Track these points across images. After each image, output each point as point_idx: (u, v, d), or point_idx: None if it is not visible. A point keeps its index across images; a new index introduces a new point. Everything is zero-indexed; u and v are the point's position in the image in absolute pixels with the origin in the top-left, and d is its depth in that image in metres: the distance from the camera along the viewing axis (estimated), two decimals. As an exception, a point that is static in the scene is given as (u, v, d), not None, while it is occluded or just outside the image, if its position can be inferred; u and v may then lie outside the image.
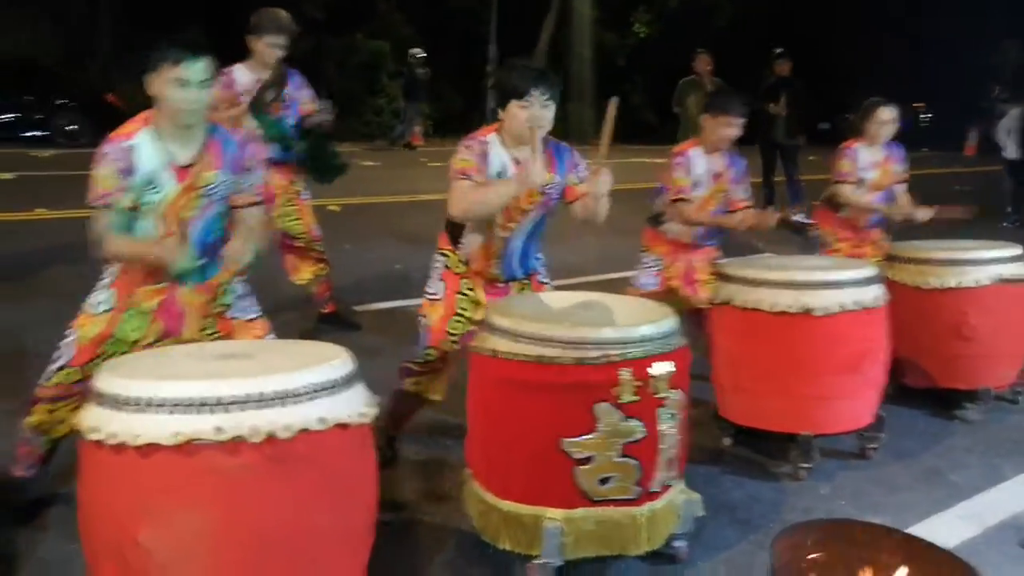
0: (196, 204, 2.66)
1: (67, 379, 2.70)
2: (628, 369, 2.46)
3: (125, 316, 2.70)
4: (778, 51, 9.71)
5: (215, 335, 2.79)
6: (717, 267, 3.75)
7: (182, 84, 2.53)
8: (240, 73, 4.55)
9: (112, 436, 1.96)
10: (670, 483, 2.67)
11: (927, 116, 25.56)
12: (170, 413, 1.93)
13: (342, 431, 2.06)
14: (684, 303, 4.02)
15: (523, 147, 2.96)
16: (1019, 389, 4.23)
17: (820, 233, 5.00)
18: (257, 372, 2.03)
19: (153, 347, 2.68)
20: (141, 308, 2.71)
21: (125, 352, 2.63)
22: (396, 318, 5.32)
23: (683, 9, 23.26)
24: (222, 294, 2.82)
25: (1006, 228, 9.34)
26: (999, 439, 3.84)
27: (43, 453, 2.86)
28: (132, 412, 1.95)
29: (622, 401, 2.45)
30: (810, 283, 3.38)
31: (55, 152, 13.29)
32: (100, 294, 2.74)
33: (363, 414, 2.13)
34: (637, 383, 2.47)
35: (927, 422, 4.01)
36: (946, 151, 15.60)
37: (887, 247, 4.42)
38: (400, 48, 18.14)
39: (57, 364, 2.71)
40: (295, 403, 1.99)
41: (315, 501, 2.03)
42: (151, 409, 1.94)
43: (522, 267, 3.18)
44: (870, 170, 4.71)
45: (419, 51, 17.08)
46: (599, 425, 2.45)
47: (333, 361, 2.13)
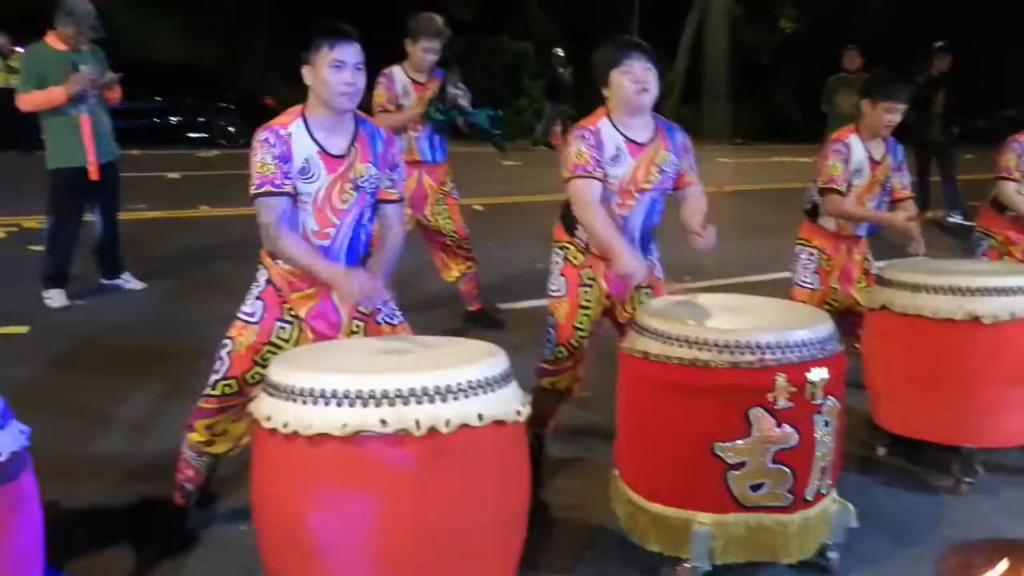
0: (349, 197, 2.69)
1: (226, 391, 2.71)
2: (784, 374, 2.42)
3: (278, 324, 2.72)
4: (938, 44, 9.17)
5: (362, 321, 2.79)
6: (875, 271, 3.61)
7: (337, 67, 2.59)
8: (398, 74, 4.75)
9: (285, 425, 2.07)
10: (823, 491, 2.61)
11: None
12: (339, 405, 2.03)
13: (499, 428, 2.12)
14: (842, 303, 3.89)
15: (634, 121, 3.00)
16: None
17: (982, 235, 4.71)
18: (420, 368, 2.12)
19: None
20: (294, 315, 2.73)
21: None
22: (539, 316, 5.35)
23: (831, 5, 22.41)
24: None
25: None
26: None
27: (203, 479, 2.87)
28: (304, 403, 2.07)
29: (777, 407, 2.41)
30: (977, 289, 3.21)
31: (216, 153, 14.14)
32: (251, 304, 2.74)
33: (519, 412, 2.18)
34: (792, 389, 2.44)
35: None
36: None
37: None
38: (543, 49, 18.27)
39: (217, 376, 2.71)
40: (455, 399, 2.05)
41: (472, 495, 2.10)
42: (322, 401, 2.05)
43: (642, 249, 3.14)
44: None
45: (560, 51, 17.16)
46: (752, 430, 2.43)
47: (491, 359, 2.19)
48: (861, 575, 2.70)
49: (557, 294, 3.20)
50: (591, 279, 3.14)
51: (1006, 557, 2.08)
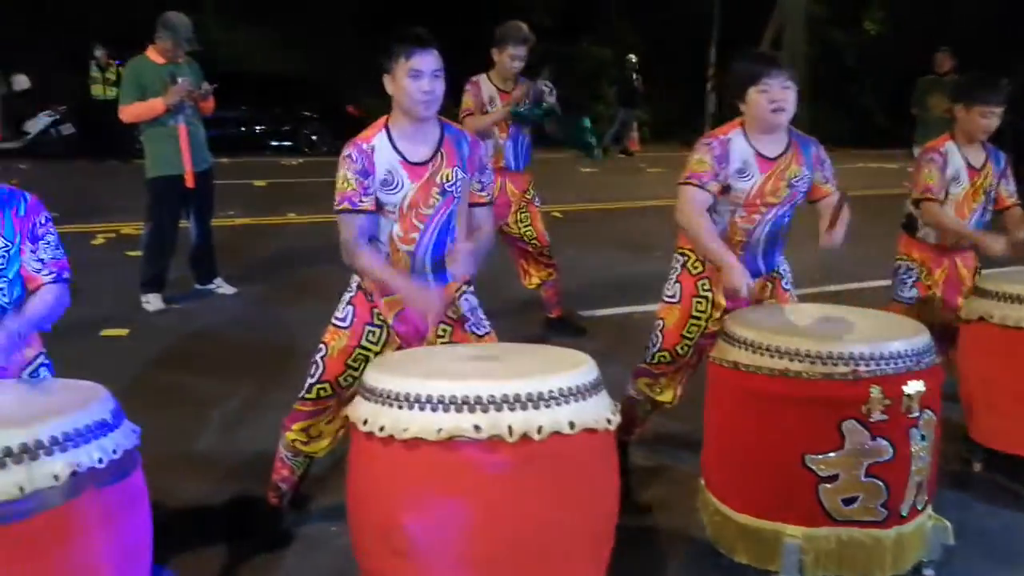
0: (434, 202, 2.73)
1: (321, 394, 2.78)
2: (878, 386, 2.38)
3: (367, 328, 2.79)
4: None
5: (450, 343, 2.83)
6: (975, 280, 3.50)
7: (415, 75, 2.61)
8: (485, 83, 4.81)
9: (381, 429, 2.12)
10: (919, 507, 2.55)
11: None
12: (434, 410, 2.07)
13: (589, 436, 2.13)
14: (942, 314, 3.77)
15: (767, 136, 2.96)
16: None
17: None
18: (513, 375, 2.15)
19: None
20: (382, 321, 2.79)
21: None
22: (619, 324, 5.39)
23: (919, 5, 21.75)
24: (458, 298, 2.88)
25: None
26: None
27: (297, 478, 2.95)
28: (400, 408, 2.11)
29: (871, 420, 2.37)
30: (1083, 301, 3.10)
31: (300, 161, 14.49)
32: (343, 309, 2.80)
33: (609, 420, 2.20)
34: (887, 401, 2.39)
35: None
36: None
37: None
38: (623, 55, 18.23)
39: (312, 379, 2.78)
40: (547, 406, 2.07)
41: (563, 502, 2.12)
42: (417, 405, 2.09)
43: (766, 262, 3.12)
44: None
45: (633, 57, 17.10)
46: (846, 443, 2.39)
47: (582, 367, 2.21)
48: (958, 595, 2.64)
49: (671, 300, 3.17)
50: (707, 290, 3.11)
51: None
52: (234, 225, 8.20)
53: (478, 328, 2.85)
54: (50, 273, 2.44)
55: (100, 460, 1.91)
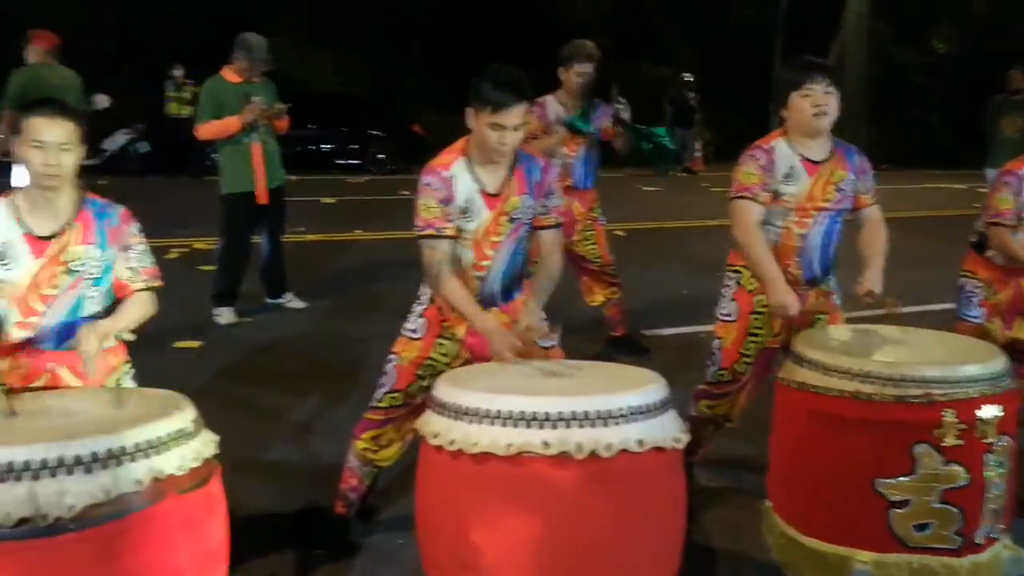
0: (504, 230, 2.78)
1: (392, 403, 2.83)
2: (952, 410, 2.34)
3: (437, 342, 2.84)
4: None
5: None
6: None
7: (498, 129, 2.64)
8: (551, 103, 4.85)
9: (451, 443, 2.17)
10: (995, 536, 2.50)
11: None
12: (503, 425, 2.11)
13: (658, 454, 2.14)
14: (1002, 334, 3.67)
15: (811, 142, 2.98)
16: None
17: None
18: (582, 392, 2.17)
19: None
20: (452, 334, 2.84)
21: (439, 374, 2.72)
22: (683, 343, 5.35)
23: (990, 23, 21.23)
24: (525, 315, 2.87)
25: None
26: None
27: (365, 489, 3.00)
28: (470, 422, 2.15)
29: (944, 444, 2.34)
30: None
31: (367, 179, 14.72)
32: (415, 321, 2.86)
33: (677, 439, 2.20)
34: (962, 426, 2.35)
35: None
36: None
37: None
38: (681, 74, 18.18)
39: (384, 389, 2.84)
40: (616, 424, 2.09)
41: (632, 520, 2.13)
42: (487, 420, 2.13)
43: (822, 269, 3.10)
44: None
45: (689, 76, 17.02)
46: (918, 467, 2.36)
47: (652, 385, 2.22)
48: (1035, 627, 2.56)
49: (728, 318, 3.17)
50: (764, 306, 3.09)
51: None
52: (303, 241, 8.37)
53: (543, 341, 2.87)
54: (142, 281, 2.57)
55: (180, 467, 1.99)
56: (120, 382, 2.59)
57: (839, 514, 2.49)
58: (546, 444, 2.05)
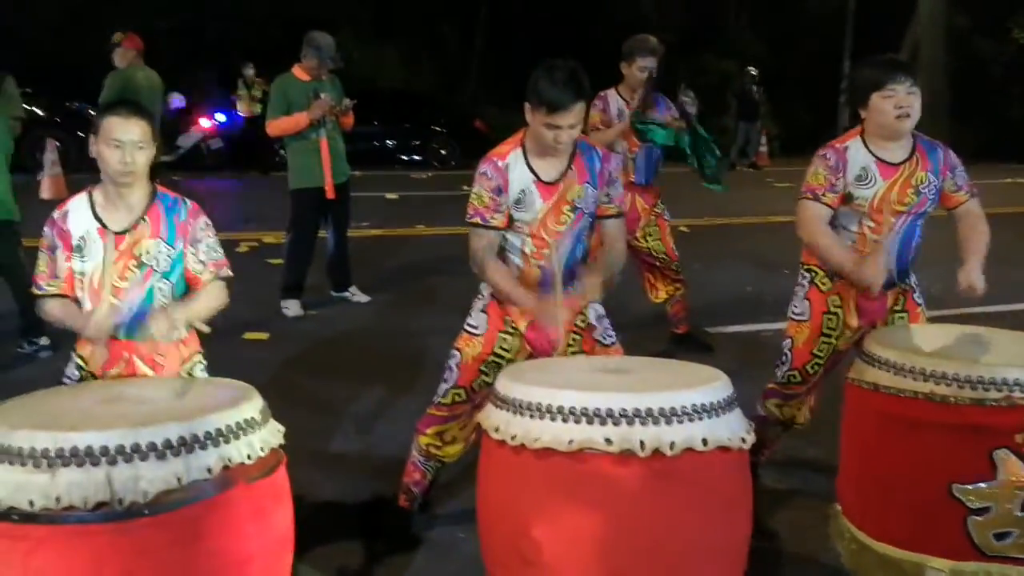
0: (565, 219, 2.77)
1: (456, 399, 2.85)
2: (1035, 415, 2.25)
3: (500, 336, 2.85)
4: None
5: (578, 353, 2.84)
6: None
7: (552, 128, 2.65)
8: (613, 97, 4.82)
9: (513, 438, 2.15)
10: (1079, 547, 2.39)
11: None
12: (564, 421, 2.09)
13: (723, 454, 2.10)
14: None
15: (890, 143, 2.88)
16: None
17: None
18: (646, 388, 2.14)
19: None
20: (515, 328, 2.84)
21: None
22: (747, 342, 5.26)
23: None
24: (585, 307, 2.88)
25: None
26: None
27: (428, 483, 3.03)
28: (532, 417, 2.14)
29: (1028, 449, 2.24)
30: None
31: (429, 174, 14.83)
32: (476, 317, 2.86)
33: (743, 439, 2.16)
34: (1045, 431, 2.25)
35: None
36: None
37: None
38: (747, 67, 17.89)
39: (447, 385, 2.86)
40: (680, 422, 2.06)
41: (696, 519, 2.09)
42: (548, 416, 2.11)
43: (899, 271, 3.01)
44: None
45: (753, 69, 16.74)
46: (998, 473, 2.27)
47: (717, 383, 2.18)
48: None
49: (800, 318, 3.10)
50: (837, 307, 3.03)
51: None
52: (367, 236, 8.47)
53: (605, 337, 2.87)
54: (210, 272, 2.64)
55: (249, 456, 2.02)
56: (192, 372, 2.66)
57: (913, 519, 2.42)
58: (608, 441, 2.03)
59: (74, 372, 2.63)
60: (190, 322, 2.53)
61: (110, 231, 2.54)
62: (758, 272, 7.17)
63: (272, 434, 2.16)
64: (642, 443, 2.02)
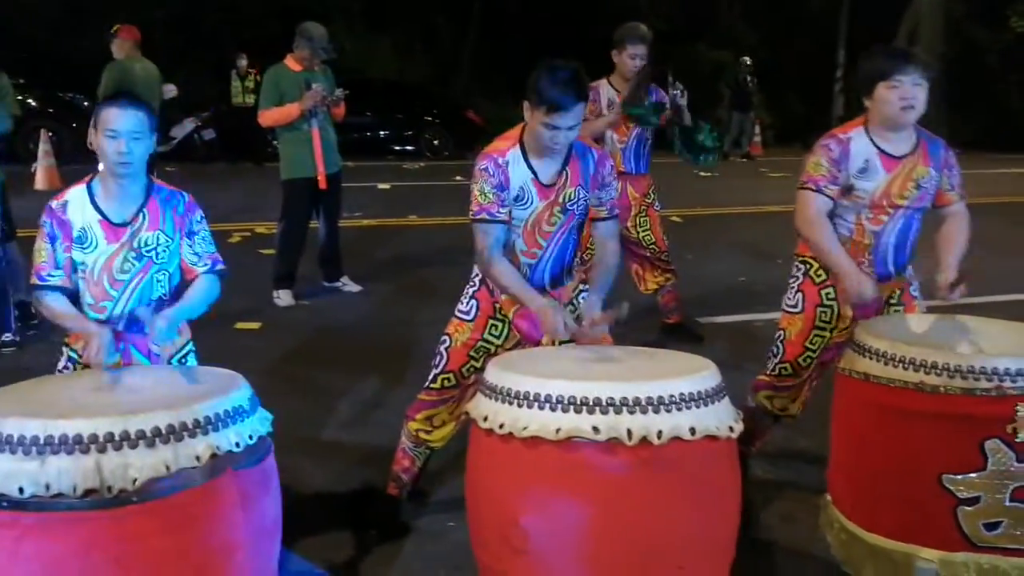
0: (556, 220, 2.78)
1: (445, 384, 2.86)
2: (1026, 404, 2.25)
3: (490, 323, 2.86)
4: None
5: (568, 342, 2.82)
6: None
7: (551, 128, 2.63)
8: (604, 87, 4.80)
9: (501, 426, 2.15)
10: (1069, 536, 2.39)
11: None
12: (552, 410, 2.09)
13: (711, 443, 2.10)
14: None
15: (893, 134, 2.86)
16: None
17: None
18: (633, 377, 2.14)
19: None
20: (504, 315, 2.85)
21: (492, 356, 2.75)
22: (739, 332, 5.26)
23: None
24: (575, 297, 2.90)
25: None
26: None
27: (417, 470, 3.03)
28: (521, 406, 2.13)
29: (1018, 440, 2.24)
30: None
31: (422, 165, 14.80)
32: (467, 303, 2.88)
33: (731, 428, 2.16)
34: (1036, 421, 2.26)
35: None
36: None
37: None
38: (741, 57, 17.87)
39: (437, 370, 2.87)
40: (667, 411, 2.05)
41: (683, 508, 2.09)
42: (536, 404, 2.11)
43: (896, 266, 3.01)
44: None
45: (748, 59, 16.73)
46: (988, 463, 2.27)
47: (704, 372, 2.18)
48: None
49: (793, 310, 3.08)
50: (831, 299, 3.01)
51: None
52: (360, 226, 8.45)
53: (608, 326, 2.85)
54: (205, 264, 2.66)
55: (237, 444, 2.02)
56: (184, 361, 2.68)
57: (903, 510, 2.42)
58: (596, 430, 2.03)
59: (67, 365, 2.64)
60: (188, 318, 2.56)
61: (110, 223, 2.55)
62: (750, 262, 7.17)
63: (261, 422, 2.16)
64: (629, 432, 2.02)
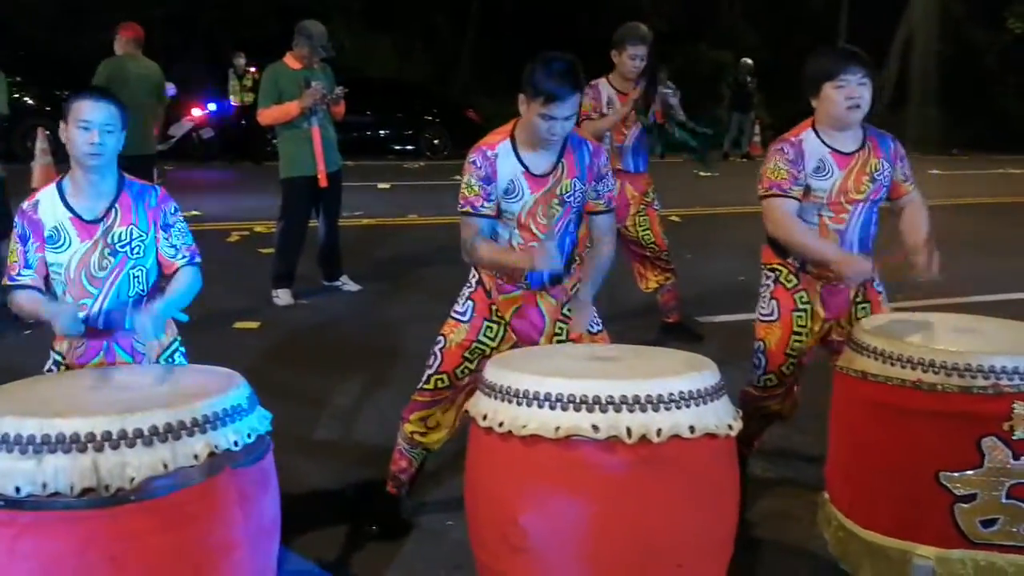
0: (555, 212, 2.77)
1: (438, 385, 2.85)
2: (1023, 402, 2.25)
3: (485, 324, 2.84)
4: None
5: (566, 341, 2.84)
6: None
7: (548, 119, 2.63)
8: (604, 86, 4.81)
9: (500, 425, 2.15)
10: (1066, 534, 2.40)
11: None
12: (552, 408, 2.09)
13: (710, 441, 2.10)
14: None
15: (841, 133, 2.90)
16: None
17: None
18: (633, 376, 2.14)
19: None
20: (500, 317, 2.84)
21: (487, 358, 2.75)
22: (738, 330, 5.25)
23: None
24: (573, 295, 2.88)
25: None
26: None
27: (415, 470, 3.02)
28: (520, 404, 2.13)
29: (1015, 437, 2.25)
30: None
31: (422, 164, 14.80)
32: (463, 303, 2.87)
33: (730, 426, 2.16)
34: (1033, 419, 2.26)
35: None
36: None
37: None
38: (743, 57, 17.88)
39: (431, 371, 2.86)
40: (667, 409, 2.06)
41: (682, 506, 2.09)
42: (536, 403, 2.11)
43: None
44: None
45: (749, 60, 16.74)
46: (985, 461, 2.28)
47: (704, 371, 2.18)
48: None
49: (769, 318, 3.07)
50: (806, 303, 3.02)
51: None
52: (359, 225, 8.45)
53: (592, 326, 2.87)
54: (183, 257, 2.63)
55: (236, 443, 2.02)
56: (172, 359, 2.65)
57: (900, 507, 2.42)
58: (595, 428, 2.03)
59: (52, 368, 2.61)
60: (172, 313, 2.52)
61: (83, 220, 2.52)
62: (749, 261, 7.10)
63: (260, 421, 2.16)
64: (629, 430, 2.02)
